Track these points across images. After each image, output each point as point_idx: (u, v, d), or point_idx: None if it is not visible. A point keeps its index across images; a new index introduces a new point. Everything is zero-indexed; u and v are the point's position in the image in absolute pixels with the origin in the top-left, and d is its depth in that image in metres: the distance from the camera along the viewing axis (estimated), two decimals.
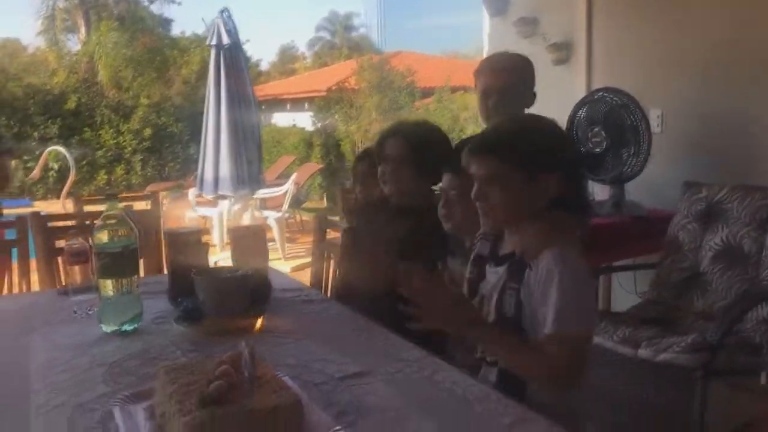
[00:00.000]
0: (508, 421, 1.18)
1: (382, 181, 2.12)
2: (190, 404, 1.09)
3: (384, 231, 2.12)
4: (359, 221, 2.28)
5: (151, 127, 11.55)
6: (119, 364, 1.51)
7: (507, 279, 1.49)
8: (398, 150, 2.09)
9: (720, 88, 3.20)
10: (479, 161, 1.49)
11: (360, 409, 1.24)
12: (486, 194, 1.49)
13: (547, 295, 1.38)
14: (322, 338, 1.63)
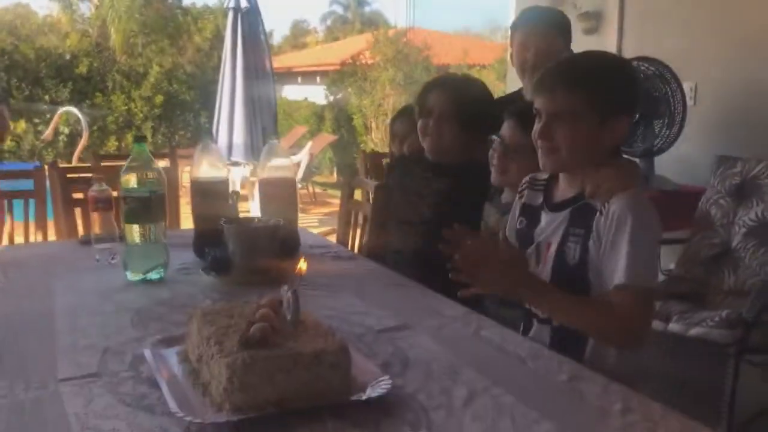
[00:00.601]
0: (565, 377, 1.11)
1: (423, 134, 2.03)
2: (231, 346, 1.02)
3: (421, 187, 2.05)
4: (395, 177, 2.20)
5: (163, 95, 11.41)
6: (147, 309, 1.45)
7: (569, 225, 1.40)
8: (441, 103, 2.00)
9: (757, 60, 3.10)
10: (550, 95, 1.38)
11: (405, 361, 1.17)
12: (553, 132, 1.38)
13: (617, 243, 1.29)
14: (357, 292, 1.57)
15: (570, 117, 1.36)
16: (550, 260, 1.42)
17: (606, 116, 1.36)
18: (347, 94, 11.74)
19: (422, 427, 0.94)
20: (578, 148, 1.38)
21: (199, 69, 12.35)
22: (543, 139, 1.40)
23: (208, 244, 1.77)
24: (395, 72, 10.92)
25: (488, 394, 1.04)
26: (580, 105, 1.36)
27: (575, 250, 1.38)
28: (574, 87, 1.37)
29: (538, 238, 1.46)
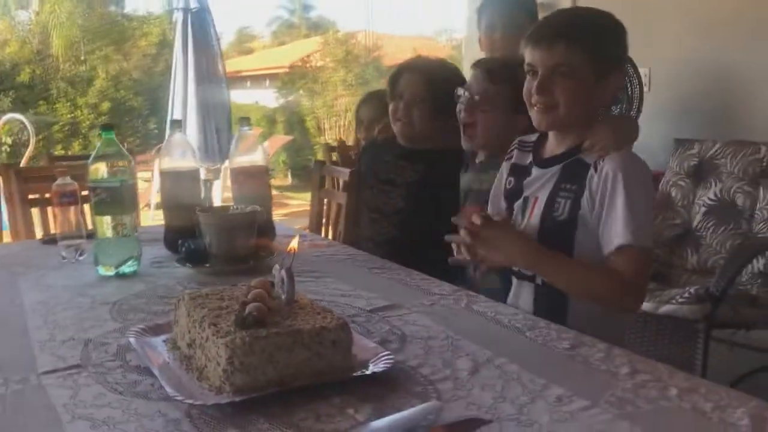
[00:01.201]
0: (566, 344, 1.10)
1: (393, 118, 2.00)
2: (227, 327, 0.98)
3: (394, 175, 2.02)
4: (365, 163, 2.17)
5: (109, 101, 11.16)
6: (125, 302, 1.40)
7: (560, 180, 1.38)
8: (412, 86, 1.97)
9: (708, 43, 3.17)
10: (548, 49, 1.34)
11: (402, 338, 1.15)
12: (551, 87, 1.34)
13: (613, 205, 1.28)
14: (341, 277, 1.53)
15: (569, 71, 1.34)
16: (537, 214, 1.40)
17: (602, 72, 1.35)
18: (299, 96, 11.67)
19: (431, 398, 0.92)
20: (576, 104, 1.35)
21: (146, 74, 12.12)
22: (541, 94, 1.36)
23: (180, 236, 1.71)
24: (346, 73, 10.92)
25: (492, 364, 1.02)
26: (579, 59, 1.33)
27: (565, 206, 1.36)
28: (574, 41, 1.34)
29: (527, 191, 1.44)
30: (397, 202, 2.00)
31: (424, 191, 1.96)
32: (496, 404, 0.89)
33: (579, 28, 1.37)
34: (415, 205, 1.97)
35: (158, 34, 12.34)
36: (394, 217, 2.00)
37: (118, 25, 12.53)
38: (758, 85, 3.00)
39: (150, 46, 12.23)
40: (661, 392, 0.92)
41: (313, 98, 11.35)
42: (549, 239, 1.37)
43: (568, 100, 1.35)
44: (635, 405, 0.88)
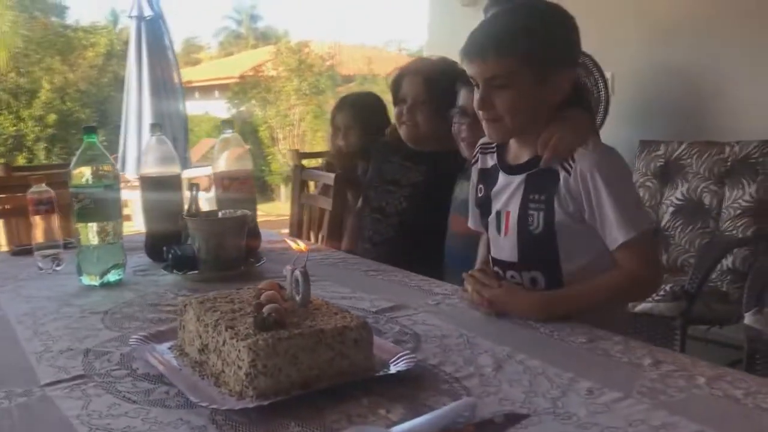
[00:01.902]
0: (584, 339, 1.09)
1: (398, 122, 1.99)
2: (246, 329, 0.94)
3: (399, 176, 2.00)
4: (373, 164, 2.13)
5: (55, 113, 10.85)
6: (117, 311, 1.34)
7: (527, 191, 1.33)
8: (414, 90, 1.96)
9: (669, 48, 3.25)
10: (481, 63, 1.29)
11: (416, 337, 1.13)
12: (492, 100, 1.29)
13: (600, 206, 1.24)
14: (338, 280, 1.50)
15: (507, 81, 1.28)
16: (512, 230, 1.35)
17: (545, 72, 1.28)
18: (251, 106, 11.55)
19: (461, 395, 0.90)
20: (521, 112, 1.30)
21: (93, 86, 11.82)
22: (483, 108, 1.31)
23: (163, 243, 1.66)
24: (300, 82, 10.85)
25: (513, 360, 1.01)
26: (515, 66, 1.27)
27: (538, 219, 1.31)
28: (505, 48, 1.27)
29: (497, 204, 1.39)
30: (400, 202, 1.98)
31: (426, 192, 1.95)
32: (529, 399, 0.88)
33: (509, 35, 1.29)
34: (416, 206, 1.95)
35: (105, 44, 12.06)
36: (395, 218, 1.98)
37: (62, 36, 12.21)
38: (720, 87, 3.08)
39: (97, 56, 11.93)
40: (689, 381, 0.92)
41: (266, 108, 11.25)
42: (531, 252, 1.34)
43: (510, 111, 1.30)
44: (667, 394, 0.88)
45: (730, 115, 3.04)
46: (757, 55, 2.95)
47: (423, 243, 1.86)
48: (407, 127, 1.98)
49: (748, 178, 2.73)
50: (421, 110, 1.94)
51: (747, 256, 2.65)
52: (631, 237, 1.22)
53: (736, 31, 3.00)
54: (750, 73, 2.97)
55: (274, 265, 1.63)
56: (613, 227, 1.23)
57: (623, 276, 1.25)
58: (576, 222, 1.29)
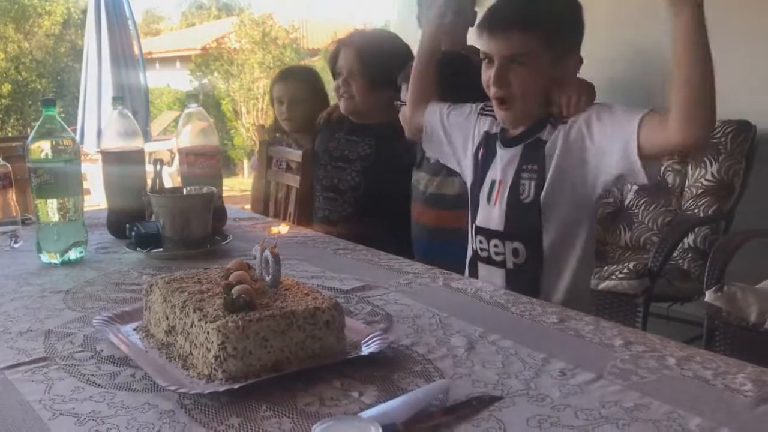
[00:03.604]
0: (555, 318, 1.10)
1: (338, 95, 1.99)
2: (215, 311, 0.92)
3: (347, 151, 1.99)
4: (320, 143, 2.11)
5: (10, 83, 10.52)
6: (78, 290, 1.30)
7: (521, 161, 1.37)
8: (348, 62, 1.96)
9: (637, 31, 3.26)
10: (504, 39, 1.30)
11: (388, 318, 1.12)
12: (508, 77, 1.32)
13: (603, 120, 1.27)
14: (308, 259, 1.48)
15: (527, 59, 1.31)
16: (502, 198, 1.39)
17: (560, 55, 1.33)
18: (214, 78, 11.34)
19: (434, 377, 0.89)
20: (534, 93, 1.34)
21: (50, 55, 11.48)
22: (499, 85, 1.33)
23: (126, 219, 1.62)
24: (264, 55, 10.67)
25: (486, 340, 1.01)
26: (536, 46, 1.30)
27: (529, 188, 1.35)
28: (530, 27, 1.30)
29: (492, 173, 1.42)
30: (353, 177, 1.97)
31: (377, 165, 1.95)
32: (502, 380, 0.88)
33: (535, 12, 1.32)
34: (369, 180, 1.95)
35: (62, 13, 11.69)
36: (350, 194, 1.97)
37: (17, 4, 11.80)
38: None
39: (54, 25, 11.57)
40: (660, 362, 0.92)
41: (229, 81, 11.05)
42: (517, 221, 1.37)
43: (525, 92, 1.33)
44: (639, 375, 0.89)
45: None
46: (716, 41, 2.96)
47: (383, 218, 1.86)
48: (344, 99, 1.99)
49: (710, 157, 2.77)
50: (357, 81, 1.95)
51: (708, 234, 2.70)
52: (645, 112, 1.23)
53: None
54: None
55: (241, 243, 1.60)
56: (627, 120, 1.23)
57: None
58: (568, 187, 1.32)
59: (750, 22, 2.86)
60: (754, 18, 2.85)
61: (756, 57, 2.87)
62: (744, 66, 2.91)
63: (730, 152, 2.73)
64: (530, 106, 1.36)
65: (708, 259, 2.34)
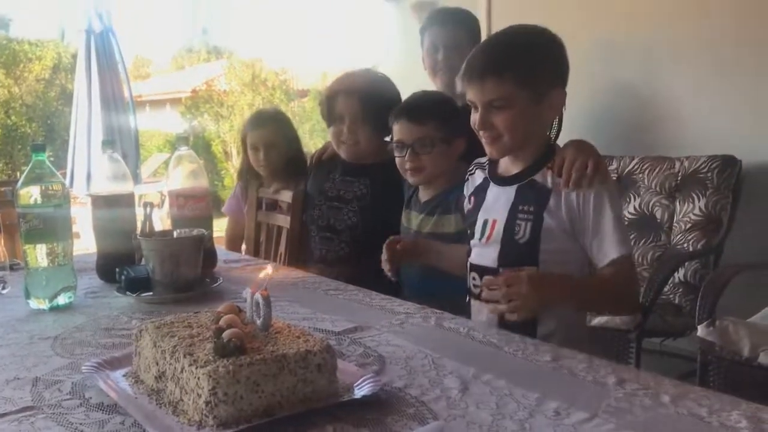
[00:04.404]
0: (548, 357, 1.09)
1: (337, 141, 2.00)
2: (205, 356, 0.91)
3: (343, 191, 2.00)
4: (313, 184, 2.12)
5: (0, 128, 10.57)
6: (67, 336, 1.29)
7: (516, 202, 1.40)
8: (351, 109, 1.97)
9: (619, 62, 3.32)
10: (480, 85, 1.36)
11: (381, 359, 1.11)
12: (491, 121, 1.36)
13: (601, 223, 1.31)
14: (298, 300, 1.48)
15: (505, 103, 1.35)
16: (497, 237, 1.41)
17: (541, 92, 1.36)
18: (204, 120, 11.41)
19: (428, 419, 0.88)
20: (520, 130, 1.38)
21: (40, 100, 11.52)
22: (484, 128, 1.39)
23: (116, 264, 1.61)
24: (253, 96, 10.77)
25: (479, 381, 1.00)
26: (512, 89, 1.34)
27: (525, 228, 1.37)
28: (503, 72, 1.35)
29: (485, 213, 1.45)
30: (350, 217, 1.98)
31: (374, 204, 1.96)
32: (497, 421, 0.87)
33: (508, 59, 1.37)
34: (366, 219, 1.96)
35: (53, 57, 11.77)
36: (347, 233, 1.97)
37: (7, 49, 11.88)
38: (667, 105, 3.16)
39: (44, 70, 11.64)
40: (654, 400, 0.92)
41: (219, 122, 11.12)
42: (512, 260, 1.39)
43: (509, 129, 1.37)
44: (633, 414, 0.88)
45: (677, 131, 3.12)
46: (700, 76, 3.03)
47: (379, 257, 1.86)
48: (348, 146, 2.00)
49: (697, 192, 2.79)
50: (363, 129, 1.95)
51: (698, 269, 2.71)
52: (622, 254, 1.31)
53: (681, 54, 3.08)
54: (694, 92, 3.05)
55: (231, 285, 1.60)
56: (609, 243, 1.31)
57: (617, 286, 1.32)
58: (562, 233, 1.35)
59: (734, 58, 2.91)
60: (738, 54, 2.91)
61: (739, 92, 2.92)
62: (728, 101, 2.96)
63: (717, 187, 2.75)
64: (518, 140, 1.39)
65: (699, 294, 2.34)
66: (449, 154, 1.79)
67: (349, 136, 1.97)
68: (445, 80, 2.26)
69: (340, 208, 1.99)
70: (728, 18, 2.91)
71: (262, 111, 2.78)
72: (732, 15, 2.90)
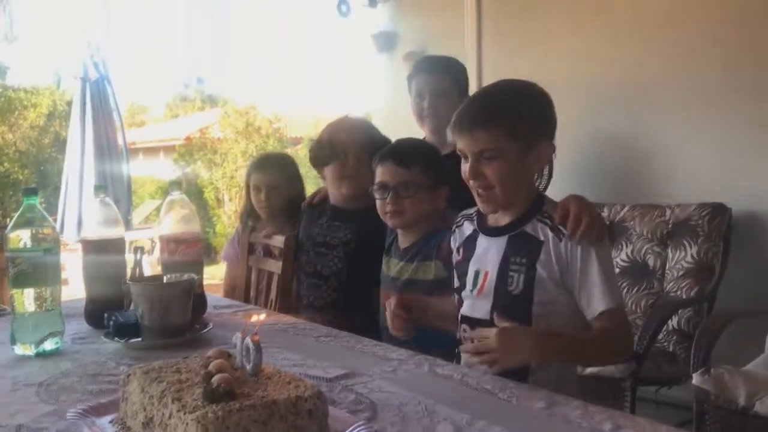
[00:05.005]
0: (542, 404, 1.07)
1: (342, 176, 1.99)
2: (194, 401, 0.89)
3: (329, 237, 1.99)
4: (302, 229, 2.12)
5: None
6: (53, 382, 1.26)
7: (508, 253, 1.39)
8: (355, 145, 1.98)
9: (607, 116, 3.36)
10: (470, 136, 1.37)
11: (372, 406, 1.09)
12: (482, 171, 1.37)
13: (589, 274, 1.31)
14: (289, 347, 1.46)
15: (495, 153, 1.37)
16: (489, 288, 1.40)
17: (529, 143, 1.38)
18: (197, 167, 11.45)
19: None
20: (510, 181, 1.38)
21: (33, 146, 11.56)
22: (474, 178, 1.39)
23: (105, 309, 1.59)
24: (247, 144, 10.82)
25: (474, 428, 0.98)
26: (502, 140, 1.36)
27: (518, 280, 1.37)
28: (492, 124, 1.37)
29: (475, 264, 1.45)
30: (335, 263, 1.97)
31: (359, 249, 1.94)
32: None
33: (496, 110, 1.40)
34: (351, 265, 1.95)
35: (48, 105, 11.85)
36: (334, 280, 1.96)
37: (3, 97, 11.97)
38: (654, 153, 3.20)
39: (39, 117, 11.71)
40: None
41: (212, 170, 11.15)
42: (506, 312, 1.37)
43: (500, 181, 1.38)
44: None
45: (666, 179, 3.15)
46: (689, 124, 3.08)
47: (367, 303, 1.85)
48: (350, 181, 2.01)
49: (689, 239, 2.80)
50: (366, 165, 1.93)
51: (691, 316, 2.70)
52: (612, 306, 1.31)
53: (667, 103, 3.13)
54: (682, 140, 3.09)
55: (220, 331, 1.58)
56: (598, 296, 1.31)
57: (605, 336, 1.31)
58: (554, 284, 1.35)
59: (722, 106, 2.96)
60: (726, 102, 2.95)
61: (727, 140, 2.96)
62: (717, 150, 2.99)
63: (708, 234, 2.77)
64: (509, 194, 1.40)
65: (693, 342, 2.33)
66: (431, 201, 1.79)
67: (354, 172, 1.97)
68: (431, 127, 2.28)
69: (326, 254, 1.99)
70: (716, 66, 2.97)
71: (268, 154, 2.81)
72: (720, 63, 2.95)
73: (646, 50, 3.22)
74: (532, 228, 1.39)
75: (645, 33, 3.22)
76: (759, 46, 2.85)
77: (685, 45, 3.06)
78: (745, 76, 2.89)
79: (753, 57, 2.86)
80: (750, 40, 2.87)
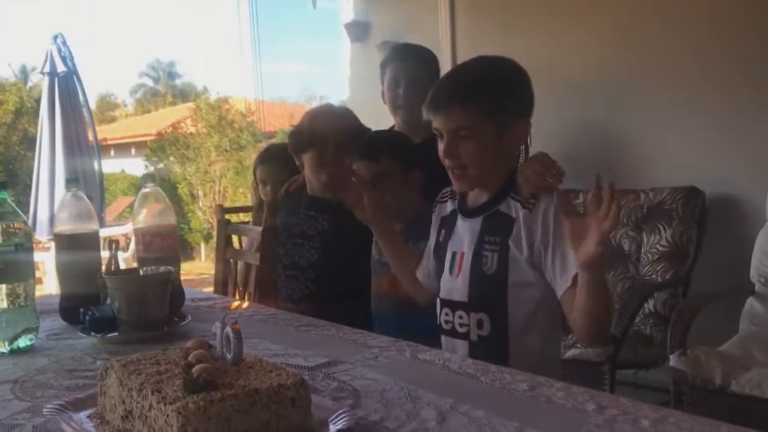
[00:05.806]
0: (525, 386, 1.07)
1: (318, 165, 1.97)
2: (174, 392, 0.88)
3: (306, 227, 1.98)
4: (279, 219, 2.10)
5: None
6: (28, 379, 1.24)
7: (482, 233, 1.39)
8: (336, 132, 1.96)
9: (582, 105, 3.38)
10: (446, 113, 1.36)
11: (355, 393, 1.08)
12: (457, 150, 1.36)
13: (559, 243, 1.30)
14: (269, 337, 1.44)
15: (470, 131, 1.35)
16: (465, 270, 1.41)
17: (504, 123, 1.37)
18: (170, 163, 11.34)
19: None
20: (484, 161, 1.38)
21: (1, 144, 11.36)
22: (449, 158, 1.38)
23: (80, 304, 1.56)
24: (220, 138, 10.74)
25: (457, 411, 0.98)
26: (478, 118, 1.35)
27: (492, 259, 1.37)
28: (469, 101, 1.35)
29: (453, 246, 1.45)
30: (312, 254, 1.95)
31: (336, 241, 1.93)
32: None
33: (473, 87, 1.38)
34: (329, 256, 1.94)
35: (15, 102, 11.65)
36: (311, 271, 1.94)
37: None
38: (629, 140, 3.23)
39: (5, 114, 11.51)
40: (634, 425, 0.91)
41: (185, 165, 11.06)
42: (481, 291, 1.39)
43: (474, 160, 1.37)
44: None
45: (641, 164, 3.18)
46: (662, 110, 3.11)
47: (345, 294, 1.84)
48: (329, 168, 1.98)
49: (663, 223, 2.83)
50: (347, 151, 1.93)
51: (667, 299, 2.73)
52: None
53: (641, 90, 3.17)
54: (654, 127, 3.12)
55: (199, 324, 1.56)
56: (571, 258, 1.27)
57: None
58: (527, 264, 1.35)
59: (696, 93, 2.99)
60: (699, 89, 2.98)
61: (702, 125, 2.99)
62: (691, 134, 3.03)
63: (682, 218, 2.80)
64: (483, 172, 1.39)
65: (669, 324, 2.36)
66: (407, 185, 1.81)
67: (334, 158, 1.94)
68: (404, 115, 2.28)
69: (303, 245, 1.97)
70: (689, 56, 3.00)
71: (271, 146, 2.77)
72: (693, 53, 2.98)
73: (620, 40, 3.25)
74: (506, 206, 1.39)
75: (620, 23, 3.25)
76: (730, 37, 2.88)
77: (659, 35, 3.10)
78: (719, 64, 2.92)
79: (725, 47, 2.90)
80: (722, 32, 2.91)
